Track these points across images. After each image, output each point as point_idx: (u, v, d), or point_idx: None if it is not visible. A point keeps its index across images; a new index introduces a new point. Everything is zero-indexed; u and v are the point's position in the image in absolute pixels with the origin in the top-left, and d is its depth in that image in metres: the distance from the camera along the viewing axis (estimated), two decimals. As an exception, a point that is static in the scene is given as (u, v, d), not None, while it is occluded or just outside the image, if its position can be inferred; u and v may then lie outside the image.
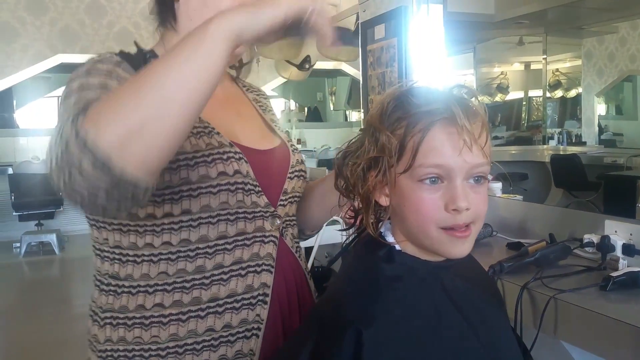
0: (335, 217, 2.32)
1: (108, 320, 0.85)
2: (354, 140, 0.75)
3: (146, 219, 0.82)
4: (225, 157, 0.84)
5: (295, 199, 0.99)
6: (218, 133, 0.86)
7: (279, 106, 7.23)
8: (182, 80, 0.62)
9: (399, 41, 1.93)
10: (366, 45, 2.14)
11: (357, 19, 2.34)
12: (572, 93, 3.72)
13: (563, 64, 3.76)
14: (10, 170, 6.00)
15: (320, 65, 3.68)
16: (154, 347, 0.82)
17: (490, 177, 2.05)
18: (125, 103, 0.62)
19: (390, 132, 0.68)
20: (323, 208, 1.04)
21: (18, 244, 5.72)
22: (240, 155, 0.86)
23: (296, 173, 0.98)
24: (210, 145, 0.84)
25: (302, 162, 1.03)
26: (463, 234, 0.67)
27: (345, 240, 0.82)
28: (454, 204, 0.65)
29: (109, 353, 0.84)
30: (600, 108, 3.67)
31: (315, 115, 9.30)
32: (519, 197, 1.79)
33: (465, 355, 0.68)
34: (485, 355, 0.69)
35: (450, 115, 0.64)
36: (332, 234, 2.29)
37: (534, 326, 1.10)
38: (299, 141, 5.88)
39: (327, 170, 3.34)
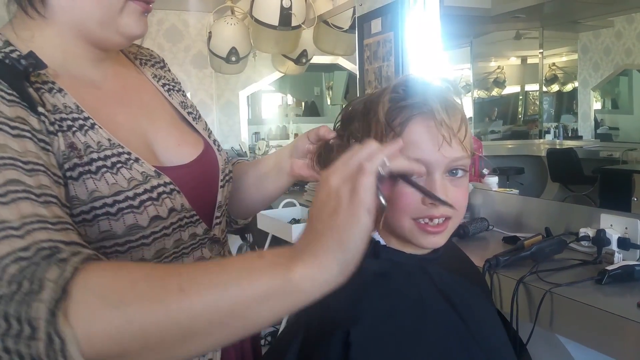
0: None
1: None
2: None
3: None
4: (155, 194, 0.66)
5: (227, 206, 0.85)
6: (137, 160, 0.67)
7: (276, 101, 7.20)
8: (229, 328, 0.47)
9: (395, 35, 1.93)
10: (363, 40, 2.14)
11: (354, 12, 2.33)
12: (569, 87, 3.72)
13: (559, 58, 3.76)
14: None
15: (317, 59, 3.66)
16: None
17: (486, 171, 2.03)
18: (131, 322, 0.45)
19: (373, 127, 0.67)
20: (258, 195, 0.91)
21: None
22: (172, 186, 0.69)
23: (227, 178, 0.82)
24: (133, 181, 0.65)
25: (229, 160, 0.87)
26: (435, 229, 0.66)
27: None
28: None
29: None
30: (596, 102, 3.67)
31: (312, 109, 9.28)
32: (515, 191, 1.80)
33: (457, 347, 0.67)
34: (476, 345, 0.69)
35: (428, 109, 0.64)
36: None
37: (529, 320, 1.10)
38: (296, 136, 5.85)
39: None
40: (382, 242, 0.72)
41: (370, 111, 0.69)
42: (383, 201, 0.49)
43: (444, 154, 0.64)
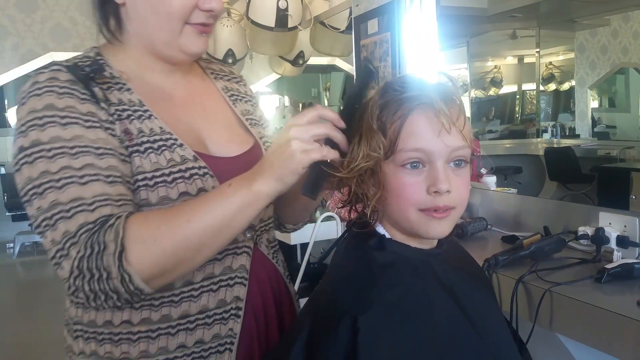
0: (331, 213, 2.31)
1: (79, 333, 0.82)
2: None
3: None
4: (187, 174, 0.80)
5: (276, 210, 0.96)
6: (181, 145, 0.81)
7: (273, 102, 7.21)
8: (224, 235, 0.73)
9: (392, 36, 1.93)
10: (359, 40, 2.13)
11: (350, 13, 2.33)
12: (566, 86, 3.73)
13: (556, 57, 3.76)
14: (2, 170, 5.96)
15: (314, 60, 3.67)
16: None
17: (484, 170, 2.02)
18: (164, 251, 0.70)
19: (374, 123, 0.69)
20: (297, 205, 0.97)
21: (11, 245, 5.69)
22: (205, 170, 0.82)
23: None
24: (172, 162, 0.79)
25: None
26: (441, 214, 0.68)
27: (341, 236, 0.82)
28: (435, 186, 0.66)
29: None
30: (594, 101, 3.67)
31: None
32: (514, 190, 1.80)
33: (460, 340, 0.68)
34: (479, 340, 0.69)
35: (427, 100, 0.66)
36: (328, 230, 2.28)
37: (529, 319, 1.10)
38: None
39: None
40: (388, 235, 0.73)
41: (365, 111, 0.71)
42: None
43: (445, 142, 0.66)
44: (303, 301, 0.80)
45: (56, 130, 0.72)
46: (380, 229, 0.74)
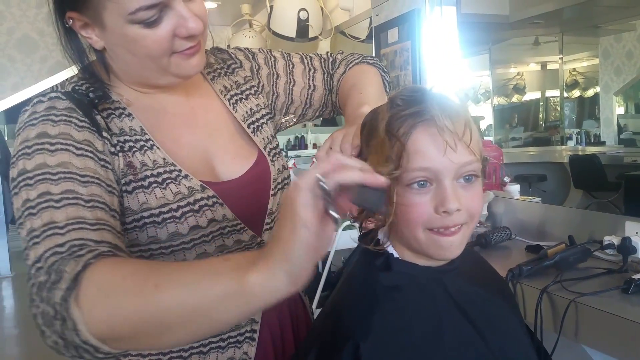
0: (351, 222, 2.31)
1: None
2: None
3: None
4: (196, 207, 0.75)
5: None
6: (186, 176, 0.76)
7: (293, 111, 7.25)
8: (198, 324, 0.54)
9: (412, 44, 1.93)
10: (380, 49, 2.14)
11: (371, 22, 2.34)
12: (590, 92, 3.67)
13: (580, 63, 3.71)
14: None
15: (334, 69, 3.68)
16: None
17: (507, 179, 1.99)
18: (119, 311, 0.54)
19: (376, 141, 0.67)
20: None
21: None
22: (215, 199, 0.77)
23: (279, 186, 0.88)
24: (178, 195, 0.74)
25: (285, 167, 0.92)
26: (451, 232, 0.65)
27: (355, 249, 0.81)
28: (443, 206, 0.63)
29: None
30: (619, 107, 3.61)
31: (330, 120, 9.29)
32: (538, 199, 1.77)
33: (472, 359, 0.66)
34: (494, 358, 0.67)
35: (429, 116, 0.63)
36: (349, 238, 2.28)
37: (554, 330, 1.08)
38: (315, 146, 5.85)
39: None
40: (396, 254, 0.71)
41: (373, 125, 0.69)
42: (335, 215, 0.50)
43: (451, 159, 0.63)
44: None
45: (43, 157, 0.66)
46: (390, 248, 0.72)
